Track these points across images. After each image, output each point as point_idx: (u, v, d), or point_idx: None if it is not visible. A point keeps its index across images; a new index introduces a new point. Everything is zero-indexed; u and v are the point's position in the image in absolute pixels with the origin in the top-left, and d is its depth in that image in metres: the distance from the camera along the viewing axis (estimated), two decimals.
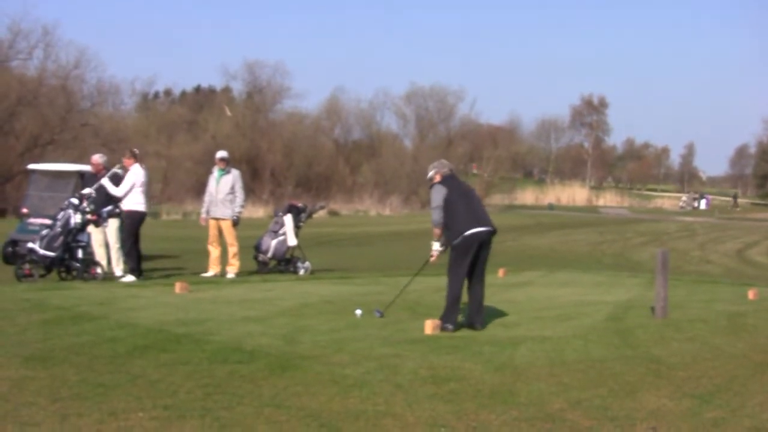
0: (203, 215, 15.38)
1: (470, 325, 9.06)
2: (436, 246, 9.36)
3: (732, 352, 7.98)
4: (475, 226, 8.95)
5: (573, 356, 7.35)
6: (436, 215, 9.04)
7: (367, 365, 6.59)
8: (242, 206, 15.35)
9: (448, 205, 8.97)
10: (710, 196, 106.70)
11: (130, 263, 13.91)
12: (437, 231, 9.18)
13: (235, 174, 15.21)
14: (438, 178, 9.26)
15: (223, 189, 14.98)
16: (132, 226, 13.97)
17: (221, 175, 15.09)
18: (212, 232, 15.14)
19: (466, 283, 9.13)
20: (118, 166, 14.65)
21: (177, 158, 59.58)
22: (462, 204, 9.02)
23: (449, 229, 8.99)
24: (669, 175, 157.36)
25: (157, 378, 6.07)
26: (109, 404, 5.39)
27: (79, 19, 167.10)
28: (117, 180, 14.16)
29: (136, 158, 14.31)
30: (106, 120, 53.44)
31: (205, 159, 49.20)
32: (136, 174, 14.09)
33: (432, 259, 9.57)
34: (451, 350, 7.38)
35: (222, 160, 15.16)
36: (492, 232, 9.13)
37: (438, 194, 9.06)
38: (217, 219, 15.08)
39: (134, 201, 14.03)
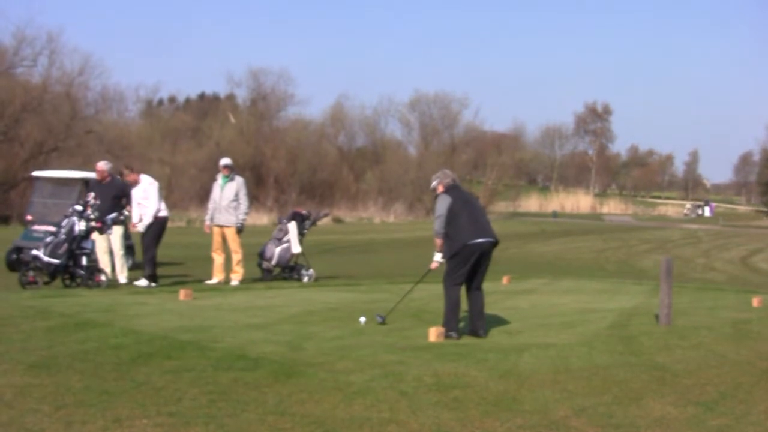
0: (207, 222, 15.38)
1: (473, 332, 9.05)
2: (438, 257, 9.34)
3: (736, 360, 7.97)
4: (477, 237, 8.93)
5: (577, 363, 7.34)
6: (438, 225, 9.04)
7: (372, 372, 6.59)
8: (246, 213, 15.34)
9: (451, 215, 8.97)
10: (714, 204, 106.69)
11: (149, 269, 14.08)
12: (438, 241, 9.17)
13: (239, 181, 15.21)
14: (441, 189, 9.24)
15: (227, 196, 14.99)
16: (159, 232, 14.25)
17: (225, 182, 15.10)
18: (216, 239, 15.15)
19: (464, 290, 9.14)
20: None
21: (181, 165, 59.67)
22: (465, 214, 9.00)
23: (450, 238, 8.98)
24: (673, 182, 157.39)
25: (162, 385, 6.07)
26: (114, 411, 5.39)
27: (83, 26, 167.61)
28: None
29: (134, 170, 14.58)
30: (110, 127, 53.64)
31: (209, 166, 49.34)
32: (154, 183, 14.44)
33: (432, 266, 9.57)
34: (455, 357, 7.37)
35: (226, 167, 15.17)
36: (494, 243, 9.12)
37: (442, 204, 9.05)
38: (221, 226, 15.08)
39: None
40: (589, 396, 6.28)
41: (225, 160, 15.41)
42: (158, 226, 14.30)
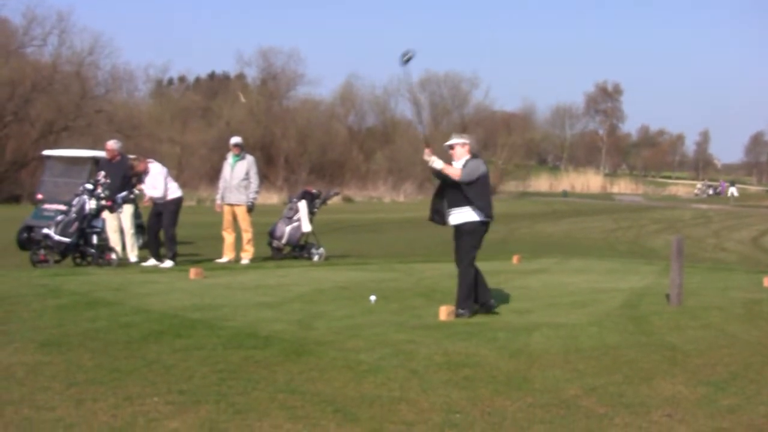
0: (218, 201, 15.41)
1: (484, 305, 9.02)
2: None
3: (747, 340, 7.95)
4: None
5: (588, 343, 7.33)
6: None
7: (382, 351, 6.60)
8: (257, 192, 15.35)
9: None
10: (725, 183, 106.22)
11: (172, 249, 14.21)
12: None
13: (249, 160, 15.22)
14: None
15: (238, 175, 15.00)
16: (175, 213, 14.38)
17: (236, 161, 15.11)
18: (227, 218, 15.17)
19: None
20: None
21: (191, 145, 59.60)
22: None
23: None
24: (684, 162, 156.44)
25: (172, 363, 6.09)
26: (125, 389, 5.41)
27: (93, 5, 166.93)
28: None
29: (141, 159, 14.65)
30: (120, 106, 53.58)
31: (220, 145, 49.26)
32: (160, 170, 14.51)
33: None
34: (465, 336, 7.37)
35: (236, 146, 15.18)
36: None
37: None
38: (231, 205, 15.10)
39: (171, 190, 14.47)
40: (599, 375, 6.27)
41: (235, 139, 15.43)
42: (173, 206, 14.33)
